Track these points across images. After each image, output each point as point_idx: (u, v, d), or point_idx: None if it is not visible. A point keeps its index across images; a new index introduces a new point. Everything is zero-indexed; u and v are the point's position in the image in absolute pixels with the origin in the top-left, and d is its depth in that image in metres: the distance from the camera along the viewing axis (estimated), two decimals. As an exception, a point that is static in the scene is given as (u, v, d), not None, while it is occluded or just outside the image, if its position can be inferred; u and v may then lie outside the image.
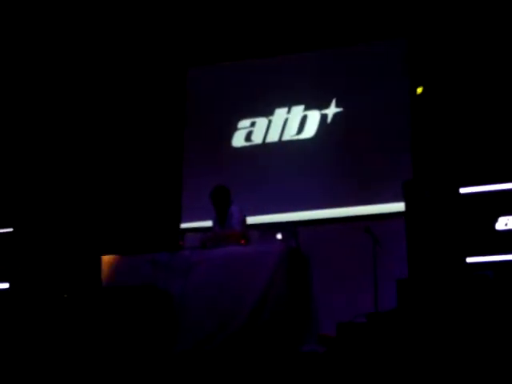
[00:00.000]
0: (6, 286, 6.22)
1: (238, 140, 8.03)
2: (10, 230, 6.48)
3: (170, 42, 8.21)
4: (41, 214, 7.53)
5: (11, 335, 4.96)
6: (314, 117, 7.75)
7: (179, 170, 8.22)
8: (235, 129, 8.06)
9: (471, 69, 7.01)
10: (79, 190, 7.83)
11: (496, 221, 5.44)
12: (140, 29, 7.97)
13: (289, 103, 7.92)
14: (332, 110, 7.68)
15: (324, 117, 7.71)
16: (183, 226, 7.94)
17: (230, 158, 7.96)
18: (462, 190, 5.63)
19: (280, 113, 7.92)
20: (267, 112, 7.96)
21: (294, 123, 7.83)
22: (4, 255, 6.36)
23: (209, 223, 6.12)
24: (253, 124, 8.02)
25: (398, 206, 6.44)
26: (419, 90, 6.86)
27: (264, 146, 7.87)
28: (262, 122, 7.95)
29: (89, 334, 4.74)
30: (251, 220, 6.41)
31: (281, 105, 7.93)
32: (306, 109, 7.80)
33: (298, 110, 7.83)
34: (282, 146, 7.82)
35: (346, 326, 4.87)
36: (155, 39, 8.12)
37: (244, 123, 8.05)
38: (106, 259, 5.44)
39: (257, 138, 7.94)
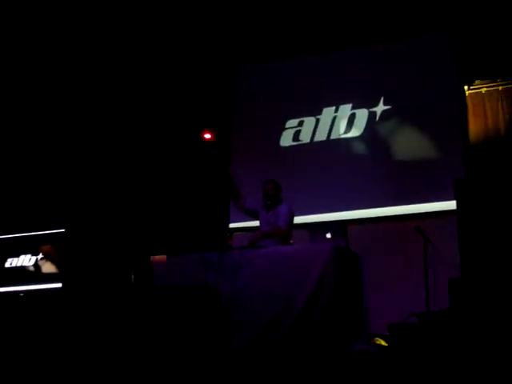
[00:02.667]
0: (58, 285, 6.27)
1: (286, 139, 8.18)
2: (62, 230, 6.54)
3: (219, 41, 8.28)
4: (92, 214, 7.74)
5: (63, 335, 5.06)
6: (362, 115, 7.83)
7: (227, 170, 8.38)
8: (283, 128, 8.19)
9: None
10: (131, 191, 8.03)
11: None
12: (191, 27, 8.05)
13: (337, 102, 8.02)
14: (380, 108, 7.75)
15: (372, 115, 7.78)
16: (231, 225, 8.07)
17: (277, 157, 8.09)
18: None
19: (328, 111, 8.03)
20: (315, 111, 8.08)
21: (342, 122, 7.94)
22: (56, 255, 6.42)
23: (256, 223, 6.18)
24: (301, 123, 8.13)
25: (449, 204, 6.45)
26: None
27: (312, 145, 7.99)
28: (309, 121, 8.07)
29: (141, 334, 4.82)
30: (300, 219, 6.49)
31: (329, 103, 8.02)
32: (354, 107, 7.89)
33: (345, 109, 7.91)
34: (330, 144, 7.92)
35: (398, 326, 4.99)
36: (205, 38, 8.19)
37: (292, 122, 8.17)
38: (157, 259, 5.52)
39: (305, 138, 8.06)
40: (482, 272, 4.96)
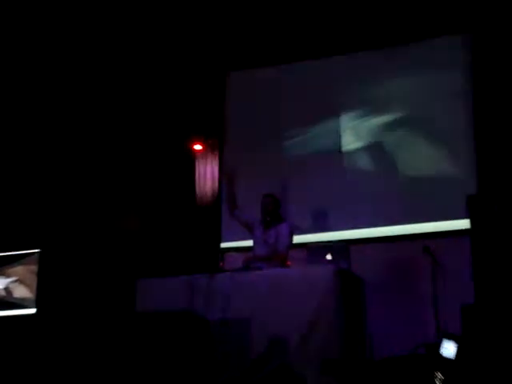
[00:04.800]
0: (32, 311, 6.11)
1: (283, 151, 7.78)
2: (37, 250, 6.39)
3: (208, 44, 7.95)
4: (71, 232, 7.37)
5: (39, 361, 4.97)
6: (366, 125, 7.43)
7: (218, 184, 8.05)
8: (279, 139, 7.81)
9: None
10: (111, 207, 7.71)
11: None
12: (180, 30, 7.79)
13: (340, 110, 7.63)
14: (387, 117, 7.38)
15: (377, 125, 7.39)
16: (223, 245, 7.75)
17: (272, 170, 7.66)
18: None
19: (330, 121, 7.62)
20: (316, 120, 7.66)
21: (345, 132, 7.53)
22: (31, 278, 6.23)
23: (250, 243, 6.00)
24: (299, 133, 7.71)
25: (461, 223, 6.23)
26: None
27: (311, 157, 7.56)
28: (308, 131, 7.66)
29: (120, 367, 4.60)
30: (297, 239, 6.25)
31: (331, 112, 7.63)
32: (358, 116, 7.48)
33: (349, 118, 7.54)
34: (331, 157, 7.49)
35: (405, 359, 4.75)
36: (194, 40, 7.89)
37: (289, 133, 7.77)
38: (141, 283, 5.38)
39: (303, 149, 7.65)
40: (499, 298, 4.79)
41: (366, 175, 7.29)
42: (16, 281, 6.22)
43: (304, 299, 4.72)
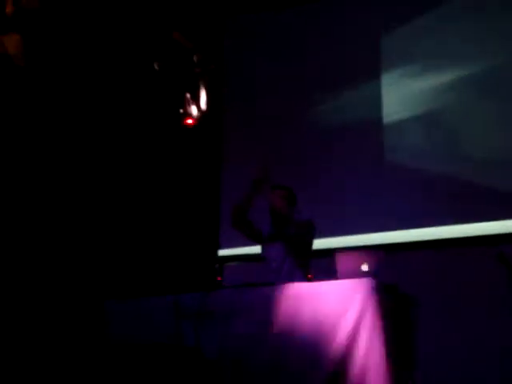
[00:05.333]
0: None
1: (301, 123, 7.76)
2: None
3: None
4: (26, 244, 7.06)
5: None
6: (416, 88, 7.24)
7: (217, 172, 8.11)
8: (298, 108, 7.76)
9: None
10: (75, 206, 7.54)
11: None
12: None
13: (378, 69, 7.48)
14: (445, 77, 7.10)
15: (431, 87, 7.15)
16: (222, 252, 7.70)
17: (284, 153, 7.57)
18: None
19: (363, 83, 7.51)
20: (341, 83, 7.58)
21: (386, 98, 7.35)
22: None
23: (257, 249, 5.80)
24: (320, 101, 7.61)
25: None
26: None
27: (341, 130, 7.46)
28: (340, 96, 7.51)
29: None
30: (321, 244, 6.07)
31: (367, 72, 7.51)
32: (404, 75, 7.34)
33: (392, 79, 7.40)
34: (367, 131, 7.31)
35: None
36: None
37: (307, 100, 7.67)
38: (111, 305, 5.39)
39: (330, 121, 7.53)
40: None
41: (414, 156, 7.04)
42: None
43: (332, 325, 4.50)
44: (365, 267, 5.15)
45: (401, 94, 7.29)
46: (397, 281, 5.12)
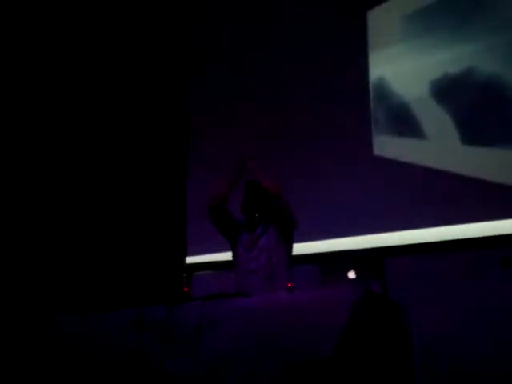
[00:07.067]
0: None
1: (278, 105, 7.30)
2: None
3: None
4: None
5: None
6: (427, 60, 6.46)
7: (183, 169, 7.86)
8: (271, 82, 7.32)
9: None
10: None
11: None
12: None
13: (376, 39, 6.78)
14: (465, 46, 6.24)
15: (444, 59, 6.40)
16: (190, 259, 7.50)
17: (264, 141, 7.24)
18: None
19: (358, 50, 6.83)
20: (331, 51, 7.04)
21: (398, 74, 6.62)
22: None
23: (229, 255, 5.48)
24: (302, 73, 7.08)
25: None
26: None
27: (326, 115, 6.93)
28: (320, 69, 7.03)
29: None
30: (304, 248, 6.07)
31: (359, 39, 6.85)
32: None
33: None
34: (359, 114, 6.79)
35: None
36: None
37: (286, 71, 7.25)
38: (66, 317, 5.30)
39: (313, 104, 7.02)
40: None
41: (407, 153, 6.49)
42: None
43: (313, 340, 4.25)
44: (351, 274, 5.22)
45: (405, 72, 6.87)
46: (388, 287, 4.84)
